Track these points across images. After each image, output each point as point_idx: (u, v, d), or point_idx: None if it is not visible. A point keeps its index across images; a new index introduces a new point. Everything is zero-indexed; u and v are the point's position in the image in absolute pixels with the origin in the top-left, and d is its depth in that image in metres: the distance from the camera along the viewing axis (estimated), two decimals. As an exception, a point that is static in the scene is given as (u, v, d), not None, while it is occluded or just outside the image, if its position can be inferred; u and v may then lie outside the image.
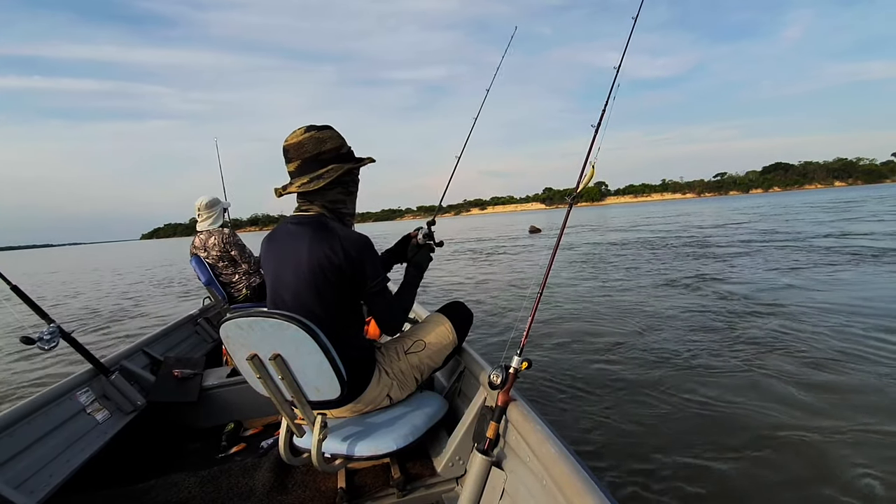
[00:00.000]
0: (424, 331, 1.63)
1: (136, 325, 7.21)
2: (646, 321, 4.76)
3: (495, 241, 20.75)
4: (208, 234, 3.06)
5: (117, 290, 12.46)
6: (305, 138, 1.33)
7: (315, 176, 1.33)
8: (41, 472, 1.52)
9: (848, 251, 8.55)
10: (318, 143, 1.34)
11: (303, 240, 1.31)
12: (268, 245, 1.43)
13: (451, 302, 1.77)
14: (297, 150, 1.34)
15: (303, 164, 1.34)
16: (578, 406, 2.93)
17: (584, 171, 1.49)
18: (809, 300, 5.07)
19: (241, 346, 1.19)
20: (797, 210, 26.53)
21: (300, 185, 1.33)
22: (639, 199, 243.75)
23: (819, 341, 3.69)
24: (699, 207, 50.75)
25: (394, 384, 1.48)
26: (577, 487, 0.92)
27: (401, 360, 1.53)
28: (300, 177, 1.35)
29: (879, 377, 2.95)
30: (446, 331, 1.64)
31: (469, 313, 1.74)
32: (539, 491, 1.08)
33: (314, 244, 1.29)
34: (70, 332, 1.89)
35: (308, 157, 1.34)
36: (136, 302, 9.90)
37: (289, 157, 1.36)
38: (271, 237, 1.43)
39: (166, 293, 11.14)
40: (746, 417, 2.63)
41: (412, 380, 1.54)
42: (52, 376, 4.49)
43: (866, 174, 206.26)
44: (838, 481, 2.01)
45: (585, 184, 1.49)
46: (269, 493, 1.41)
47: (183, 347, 2.91)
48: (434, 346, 1.59)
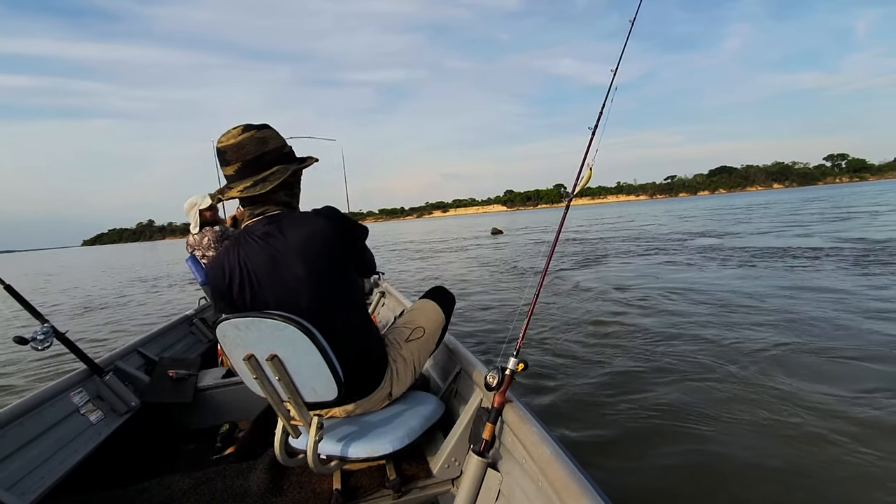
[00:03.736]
0: (420, 317, 1.66)
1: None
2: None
3: (463, 241, 21.53)
4: (202, 234, 3.09)
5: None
6: (245, 139, 1.24)
7: (259, 179, 1.24)
8: (34, 473, 1.51)
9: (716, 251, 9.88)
10: (259, 143, 1.25)
11: (289, 234, 1.23)
12: (239, 258, 1.26)
13: (434, 287, 1.84)
14: (237, 151, 1.24)
15: (244, 166, 1.25)
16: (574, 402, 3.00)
17: (582, 174, 1.50)
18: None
19: (237, 347, 1.18)
20: (719, 213, 28.75)
21: (243, 189, 1.24)
22: (596, 200, 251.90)
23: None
24: (649, 209, 53.61)
25: (397, 378, 1.47)
26: (573, 489, 0.93)
27: (403, 350, 1.52)
28: (242, 180, 1.25)
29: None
30: (437, 314, 1.70)
31: (452, 296, 1.82)
32: (535, 493, 1.09)
33: (303, 231, 1.23)
34: (64, 333, 1.86)
35: (249, 158, 1.24)
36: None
37: (226, 159, 1.25)
38: (240, 250, 1.27)
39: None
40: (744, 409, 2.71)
41: (411, 371, 1.53)
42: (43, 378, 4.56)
43: (801, 177, 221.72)
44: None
45: (583, 185, 1.49)
46: (263, 495, 1.41)
47: (178, 348, 2.88)
48: (430, 331, 1.63)
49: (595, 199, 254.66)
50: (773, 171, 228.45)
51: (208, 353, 3.11)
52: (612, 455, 2.38)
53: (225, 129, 1.28)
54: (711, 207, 40.13)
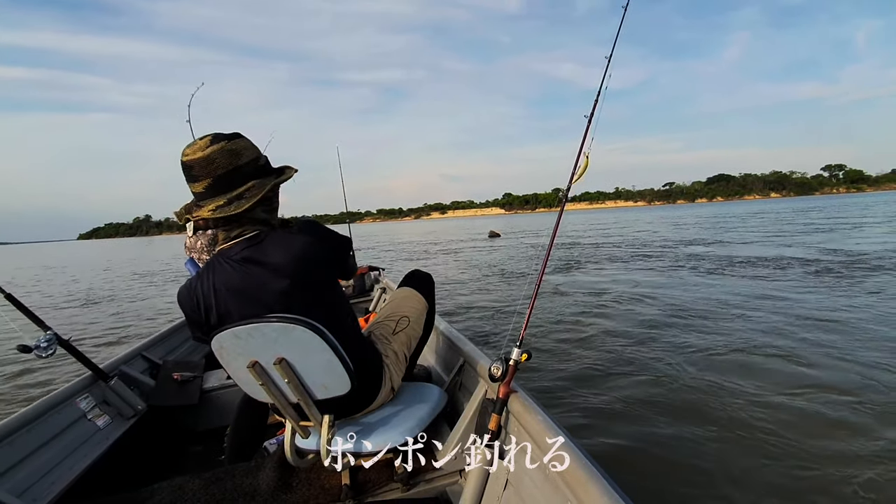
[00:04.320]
0: (401, 307, 1.66)
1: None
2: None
3: (461, 243, 21.80)
4: (196, 238, 3.09)
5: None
6: (214, 151, 1.10)
7: (234, 196, 1.12)
8: (43, 480, 1.51)
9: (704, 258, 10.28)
10: (231, 156, 1.12)
11: (272, 257, 1.14)
12: (214, 285, 1.17)
13: (409, 273, 1.84)
14: (206, 166, 1.10)
15: (214, 182, 1.11)
16: (579, 394, 3.24)
17: (579, 163, 1.51)
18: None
19: (238, 356, 1.15)
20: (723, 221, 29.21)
21: (214, 208, 1.11)
22: (594, 205, 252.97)
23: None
24: (646, 215, 54.05)
25: (394, 373, 1.47)
26: (581, 476, 0.94)
27: (393, 343, 1.52)
28: (213, 198, 1.12)
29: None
30: (417, 299, 1.71)
31: (428, 275, 1.82)
32: (542, 481, 1.10)
33: (286, 253, 1.14)
34: (67, 339, 1.87)
35: (221, 173, 1.11)
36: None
37: (193, 175, 1.12)
38: (214, 277, 1.17)
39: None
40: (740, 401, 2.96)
41: (403, 358, 1.54)
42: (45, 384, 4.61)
43: (798, 186, 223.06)
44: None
45: (580, 174, 1.50)
46: (273, 492, 1.42)
47: (182, 350, 2.90)
48: (414, 317, 1.64)
49: (593, 204, 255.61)
50: (771, 180, 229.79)
51: (212, 355, 3.19)
52: (615, 443, 2.60)
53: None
54: (707, 215, 40.46)
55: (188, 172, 1.13)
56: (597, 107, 1.55)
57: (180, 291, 1.22)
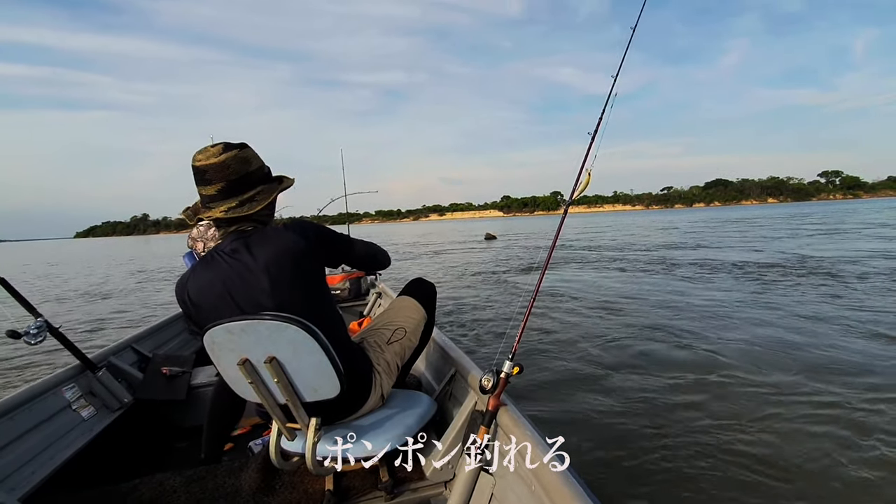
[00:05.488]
0: (398, 317, 1.65)
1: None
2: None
3: (457, 244, 22.11)
4: (207, 225, 2.97)
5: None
6: (228, 158, 1.21)
7: (245, 199, 1.23)
8: (23, 469, 1.49)
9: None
10: (242, 163, 1.23)
11: (256, 251, 1.21)
12: (210, 279, 1.22)
13: (412, 280, 1.82)
14: (220, 171, 1.21)
15: (228, 186, 1.22)
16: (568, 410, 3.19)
17: (580, 179, 1.50)
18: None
19: (229, 352, 1.15)
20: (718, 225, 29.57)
21: (227, 209, 1.21)
22: (592, 209, 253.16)
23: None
24: (643, 219, 54.45)
25: (384, 382, 1.45)
26: (565, 494, 0.93)
27: (385, 353, 1.51)
28: (225, 200, 1.23)
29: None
30: (416, 310, 1.68)
31: (431, 286, 1.80)
32: (527, 496, 1.09)
33: (271, 247, 1.21)
34: (58, 327, 1.85)
35: (234, 178, 1.22)
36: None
37: (207, 178, 1.21)
38: (209, 271, 1.23)
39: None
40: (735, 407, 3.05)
41: (395, 368, 1.53)
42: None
43: (795, 192, 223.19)
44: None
45: (581, 190, 1.49)
46: (255, 494, 1.40)
47: (172, 345, 2.85)
48: (411, 329, 1.62)
49: (591, 208, 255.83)
50: (768, 185, 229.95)
51: (202, 351, 3.25)
52: (601, 460, 2.52)
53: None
54: (703, 220, 40.92)
55: (201, 176, 1.22)
56: (600, 125, 1.55)
57: (177, 284, 1.29)
